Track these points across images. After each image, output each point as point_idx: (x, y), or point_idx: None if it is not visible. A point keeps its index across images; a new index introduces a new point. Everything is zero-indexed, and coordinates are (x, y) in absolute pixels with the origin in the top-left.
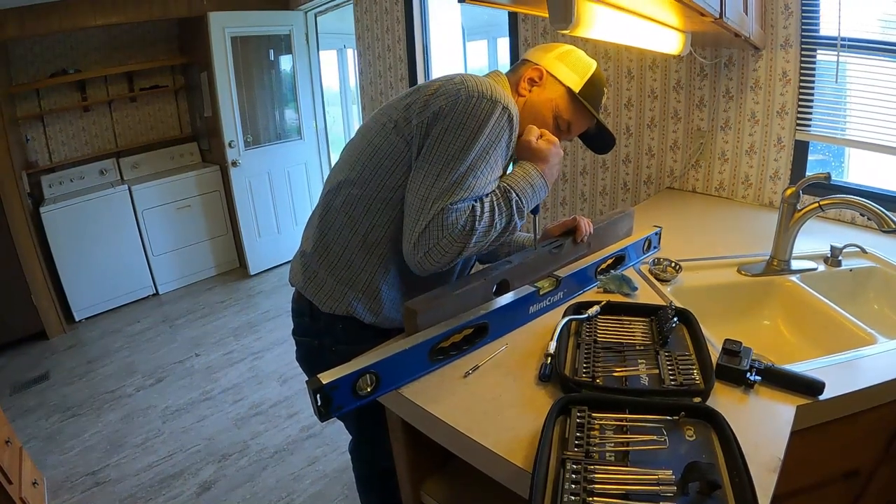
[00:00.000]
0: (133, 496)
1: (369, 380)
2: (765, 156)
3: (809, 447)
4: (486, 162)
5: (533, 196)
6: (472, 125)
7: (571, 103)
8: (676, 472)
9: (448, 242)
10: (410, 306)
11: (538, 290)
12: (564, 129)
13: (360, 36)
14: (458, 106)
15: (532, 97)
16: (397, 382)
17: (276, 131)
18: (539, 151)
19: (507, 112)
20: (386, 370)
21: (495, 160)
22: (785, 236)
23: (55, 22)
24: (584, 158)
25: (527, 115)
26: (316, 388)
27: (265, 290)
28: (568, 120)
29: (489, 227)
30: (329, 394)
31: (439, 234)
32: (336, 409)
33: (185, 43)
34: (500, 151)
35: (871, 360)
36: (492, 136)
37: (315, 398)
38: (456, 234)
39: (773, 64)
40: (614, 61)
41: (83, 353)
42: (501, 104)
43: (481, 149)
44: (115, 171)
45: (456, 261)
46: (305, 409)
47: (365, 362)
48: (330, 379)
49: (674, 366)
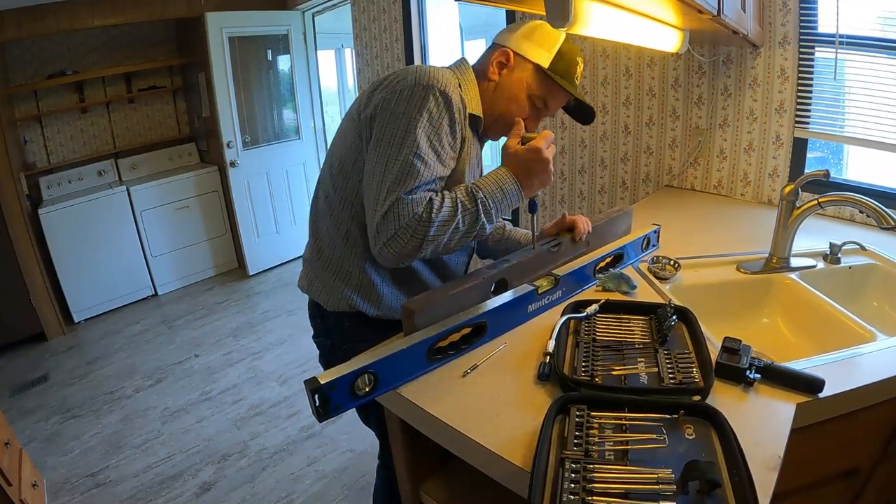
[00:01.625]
0: (133, 497)
1: (367, 380)
2: (763, 153)
3: (808, 445)
4: (430, 146)
5: (503, 200)
6: (410, 112)
7: (543, 80)
8: (676, 471)
9: (405, 232)
10: (407, 305)
11: (537, 288)
12: (541, 107)
13: (358, 35)
14: (395, 96)
15: (503, 80)
16: (395, 382)
17: (274, 131)
18: (516, 157)
19: (445, 95)
20: (384, 370)
21: (441, 144)
22: (784, 234)
23: (53, 23)
24: (583, 157)
25: (501, 99)
26: (314, 388)
27: (264, 290)
28: (542, 97)
29: (448, 221)
30: (327, 394)
31: (396, 224)
32: (334, 409)
33: (182, 43)
34: (445, 134)
35: (871, 358)
36: (432, 121)
37: (313, 398)
38: (413, 224)
39: (771, 61)
40: (612, 59)
41: (82, 355)
42: (437, 88)
43: (423, 134)
44: (114, 172)
45: (420, 253)
46: (305, 410)
47: (363, 362)
48: (327, 379)
49: (673, 364)
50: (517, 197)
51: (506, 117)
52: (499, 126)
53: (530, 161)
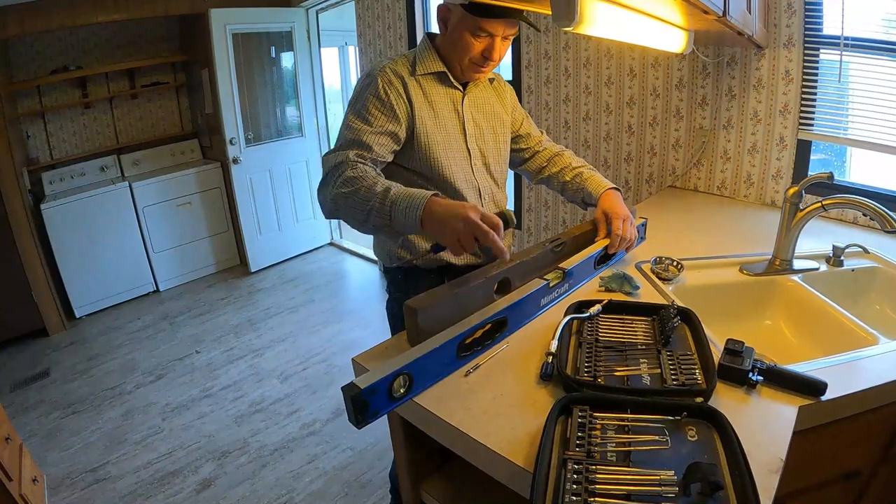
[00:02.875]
0: (133, 493)
1: (403, 381)
2: (767, 155)
3: (810, 448)
4: (355, 114)
5: (406, 213)
6: (352, 98)
7: (473, 15)
8: (678, 473)
9: (321, 185)
10: (411, 304)
11: (549, 283)
12: (487, 35)
13: (362, 33)
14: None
15: (450, 31)
16: (429, 382)
17: (277, 128)
18: (456, 204)
19: (371, 76)
20: (418, 370)
21: (366, 108)
22: (787, 236)
23: (56, 19)
24: (586, 156)
25: (451, 47)
26: (353, 394)
27: (266, 287)
28: (478, 27)
29: (350, 193)
30: (367, 399)
31: (323, 171)
32: (373, 416)
33: (186, 40)
34: (363, 100)
35: (873, 361)
36: (360, 96)
37: (352, 405)
38: (322, 179)
39: (775, 63)
40: (616, 59)
41: (83, 350)
42: (371, 75)
43: (351, 109)
44: (116, 168)
45: (334, 210)
46: (305, 407)
47: (398, 364)
48: (367, 383)
49: (676, 365)
50: (413, 224)
51: (463, 60)
52: (467, 68)
53: (455, 213)
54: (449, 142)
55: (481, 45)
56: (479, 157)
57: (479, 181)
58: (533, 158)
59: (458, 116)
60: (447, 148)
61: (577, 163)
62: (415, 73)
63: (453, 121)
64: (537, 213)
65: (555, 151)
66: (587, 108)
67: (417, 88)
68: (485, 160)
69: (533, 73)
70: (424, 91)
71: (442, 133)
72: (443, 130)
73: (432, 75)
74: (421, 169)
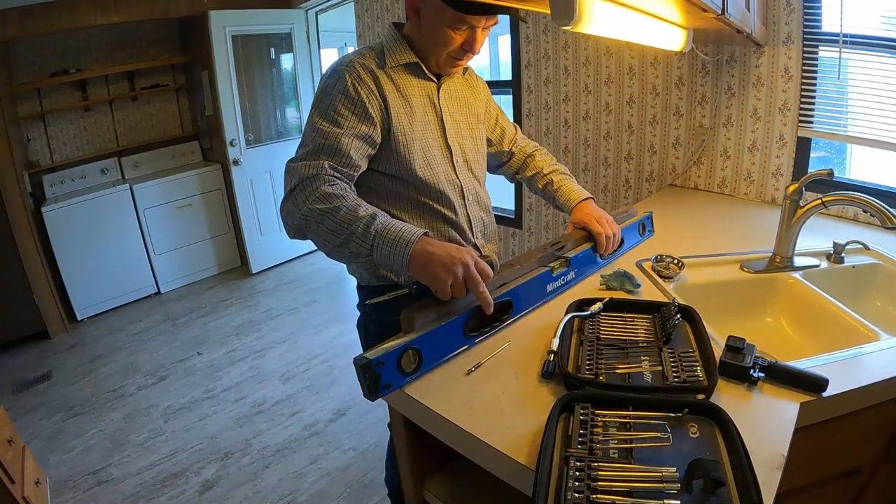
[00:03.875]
0: (135, 495)
1: (412, 356)
2: (767, 152)
3: (811, 444)
4: (322, 115)
5: (393, 248)
6: (317, 97)
7: (454, 8)
8: (680, 470)
9: (287, 198)
10: (407, 313)
11: (551, 269)
12: (467, 27)
13: (362, 34)
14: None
15: (423, 22)
16: (437, 359)
17: (277, 130)
18: (447, 247)
19: (338, 73)
20: (426, 346)
21: (334, 108)
22: (788, 233)
23: (56, 21)
24: (587, 156)
25: (428, 40)
26: (364, 364)
27: (267, 288)
28: (457, 19)
29: (327, 212)
30: (377, 370)
31: (291, 181)
32: (385, 387)
33: (186, 42)
34: (330, 99)
35: (874, 358)
36: (326, 94)
37: (364, 375)
38: (290, 190)
39: (775, 60)
40: (616, 58)
41: (85, 353)
42: (337, 73)
43: (317, 111)
44: (117, 171)
45: (303, 226)
46: (307, 408)
47: (406, 339)
48: (376, 355)
49: (677, 363)
50: (402, 260)
51: (441, 54)
52: (444, 62)
53: (451, 258)
54: (428, 139)
55: (461, 38)
56: (460, 153)
57: (462, 180)
58: (508, 163)
59: (435, 110)
60: (427, 146)
61: (549, 168)
62: (384, 66)
63: (430, 115)
64: (538, 212)
65: (527, 152)
66: (587, 107)
67: (389, 83)
68: (465, 157)
69: (532, 72)
70: (397, 85)
71: (420, 129)
72: (421, 126)
73: (404, 67)
74: (399, 172)
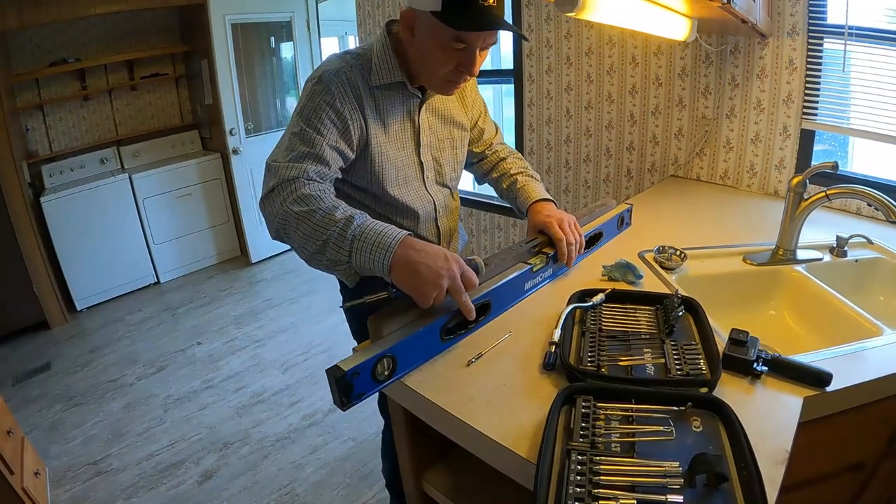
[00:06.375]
0: (135, 485)
1: (386, 364)
2: (770, 144)
3: (814, 439)
4: (306, 122)
5: (373, 253)
6: (302, 103)
7: (444, 23)
8: (683, 464)
9: (266, 197)
10: (375, 320)
11: (532, 266)
12: (463, 47)
13: (362, 22)
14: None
15: (417, 40)
16: (412, 364)
17: (277, 119)
18: (427, 250)
19: (322, 82)
20: (402, 353)
21: (318, 118)
22: (791, 226)
23: (54, 11)
24: (588, 146)
25: (421, 58)
26: (338, 376)
27: (267, 278)
28: (454, 38)
29: (304, 214)
30: (351, 381)
31: (271, 180)
32: (357, 397)
33: (185, 31)
34: (315, 107)
35: (877, 352)
36: (311, 101)
37: (337, 387)
38: (269, 190)
39: (779, 52)
40: (618, 47)
41: (85, 343)
42: (321, 80)
43: (302, 116)
44: (116, 160)
45: (281, 229)
46: (307, 398)
47: (381, 347)
48: (351, 365)
49: (680, 355)
50: (382, 265)
51: (434, 76)
52: (438, 84)
53: (437, 265)
54: (403, 158)
55: (456, 59)
56: (433, 168)
57: (433, 194)
58: (479, 164)
59: (412, 126)
60: (401, 165)
61: (516, 169)
62: (369, 82)
63: (408, 133)
64: None
65: (501, 156)
66: (589, 96)
67: (371, 102)
68: (439, 170)
69: (534, 61)
70: (378, 106)
71: (395, 149)
72: (396, 146)
73: (388, 86)
74: (369, 186)
